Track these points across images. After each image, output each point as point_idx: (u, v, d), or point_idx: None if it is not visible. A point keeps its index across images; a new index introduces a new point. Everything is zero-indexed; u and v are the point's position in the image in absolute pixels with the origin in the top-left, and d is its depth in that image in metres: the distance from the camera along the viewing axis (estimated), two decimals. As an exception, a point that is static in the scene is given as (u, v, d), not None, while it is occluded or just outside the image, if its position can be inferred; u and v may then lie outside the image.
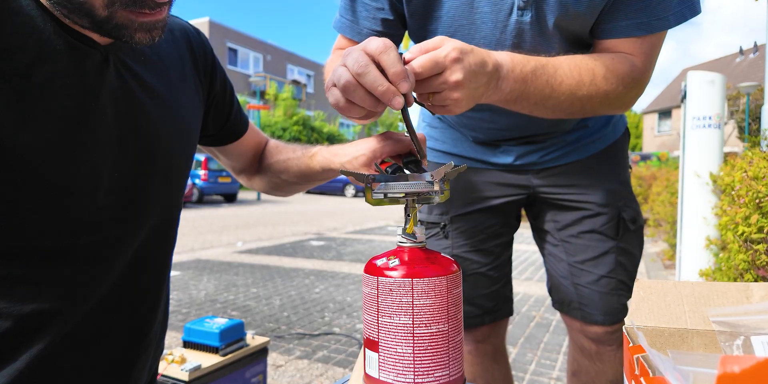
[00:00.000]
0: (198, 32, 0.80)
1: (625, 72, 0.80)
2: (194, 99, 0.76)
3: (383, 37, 0.59)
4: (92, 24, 0.52)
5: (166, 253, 0.72)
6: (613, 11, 0.81)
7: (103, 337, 0.63)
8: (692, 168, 2.90)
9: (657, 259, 4.86)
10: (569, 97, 0.77)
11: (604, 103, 0.81)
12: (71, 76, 0.55)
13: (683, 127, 2.99)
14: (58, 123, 0.54)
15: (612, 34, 0.83)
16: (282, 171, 0.89)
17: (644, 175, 7.64)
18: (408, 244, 0.55)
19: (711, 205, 2.79)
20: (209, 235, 7.12)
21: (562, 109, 0.79)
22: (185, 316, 3.17)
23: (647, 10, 0.79)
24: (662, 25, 0.80)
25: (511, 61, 0.71)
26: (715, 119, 2.88)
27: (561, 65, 0.76)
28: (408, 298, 0.51)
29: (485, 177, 1.08)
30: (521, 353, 2.56)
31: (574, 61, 0.78)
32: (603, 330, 1.06)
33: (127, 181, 0.62)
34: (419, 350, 0.51)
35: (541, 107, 0.78)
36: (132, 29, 0.53)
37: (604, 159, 1.07)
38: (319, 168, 0.81)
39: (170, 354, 1.54)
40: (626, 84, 0.81)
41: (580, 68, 0.77)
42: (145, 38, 0.54)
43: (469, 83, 0.63)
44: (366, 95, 0.58)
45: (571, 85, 0.76)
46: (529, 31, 0.85)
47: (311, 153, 0.83)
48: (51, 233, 0.55)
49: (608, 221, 1.04)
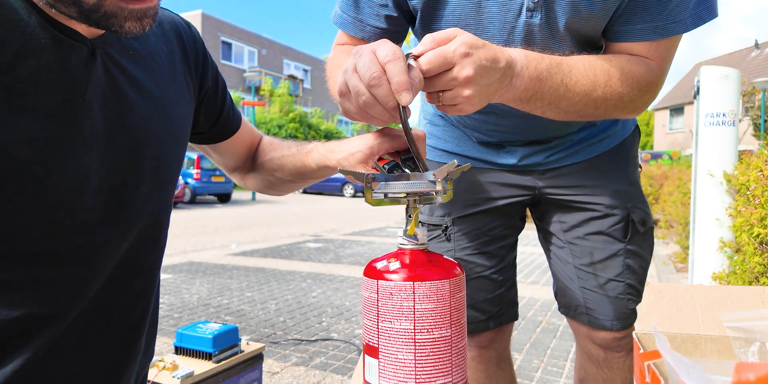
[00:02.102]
0: (189, 25, 0.80)
1: (641, 75, 0.81)
2: (185, 95, 0.76)
3: (394, 45, 0.59)
4: (80, 13, 0.52)
5: (156, 256, 0.72)
6: (627, 14, 0.81)
7: (91, 343, 0.63)
8: (705, 167, 2.89)
9: (668, 261, 4.86)
10: (584, 98, 0.77)
11: (618, 106, 0.81)
12: (57, 71, 0.55)
13: (696, 124, 2.99)
14: (43, 120, 0.53)
15: (627, 37, 0.83)
16: (276, 169, 0.89)
17: (655, 175, 7.64)
18: (409, 246, 0.55)
19: (725, 206, 2.79)
20: (202, 236, 7.11)
21: (575, 110, 0.79)
22: (177, 320, 3.17)
23: (663, 13, 0.79)
24: (679, 28, 0.81)
25: (525, 57, 0.71)
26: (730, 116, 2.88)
27: (576, 65, 0.76)
28: (409, 303, 0.51)
29: (489, 177, 1.09)
30: (527, 360, 2.56)
31: (589, 61, 0.78)
32: (611, 336, 1.06)
33: (115, 181, 0.61)
34: (421, 357, 0.51)
35: (554, 108, 0.78)
36: (122, 18, 0.53)
37: (613, 158, 1.07)
38: (315, 165, 0.81)
39: (161, 360, 1.54)
40: (641, 87, 0.81)
41: (595, 69, 0.78)
42: (135, 27, 0.54)
43: (481, 79, 0.63)
44: (384, 111, 0.60)
45: (586, 86, 0.77)
46: (538, 33, 0.85)
47: (307, 150, 0.84)
48: (36, 235, 0.55)
49: (617, 223, 1.04)
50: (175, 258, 5.38)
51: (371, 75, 0.57)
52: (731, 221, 2.59)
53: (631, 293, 1.05)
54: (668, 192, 5.78)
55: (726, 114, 2.89)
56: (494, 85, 0.67)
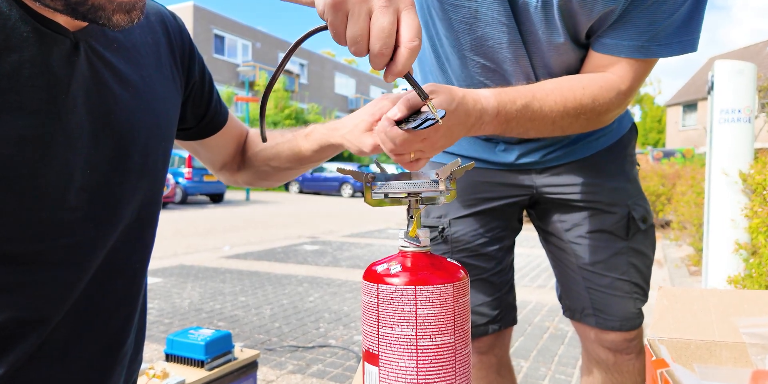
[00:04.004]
0: (174, 16, 0.81)
1: (611, 100, 0.88)
2: (171, 89, 0.76)
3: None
4: (66, 6, 0.52)
5: (141, 257, 0.72)
6: (617, 28, 0.85)
7: (75, 348, 0.63)
8: (720, 165, 2.89)
9: (681, 264, 4.87)
10: (550, 126, 0.86)
11: (586, 127, 0.92)
12: (39, 65, 0.55)
13: (710, 121, 2.99)
14: (26, 116, 0.53)
15: (611, 50, 0.88)
16: (272, 157, 0.91)
17: (668, 174, 7.64)
18: (411, 248, 0.55)
19: (740, 206, 2.79)
20: (194, 238, 7.12)
21: (542, 134, 0.90)
22: (167, 326, 3.17)
23: (650, 33, 0.84)
24: (663, 51, 0.86)
25: (497, 105, 0.79)
26: (745, 112, 2.88)
27: (546, 98, 0.84)
28: (411, 308, 0.51)
29: (485, 177, 1.10)
30: (533, 367, 2.56)
31: (561, 91, 0.85)
32: (621, 337, 1.07)
33: (100, 179, 0.62)
34: (423, 364, 0.51)
35: (522, 135, 0.88)
36: (110, 10, 0.53)
37: (610, 156, 1.09)
38: (317, 146, 0.86)
39: (151, 368, 1.54)
40: (609, 110, 0.90)
41: (566, 100, 0.85)
42: (123, 20, 0.54)
43: (449, 139, 0.73)
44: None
45: (554, 117, 0.85)
46: (534, 16, 0.87)
47: (305, 133, 0.88)
48: (18, 236, 0.55)
49: (618, 221, 1.06)
50: (166, 261, 5.38)
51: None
52: (747, 222, 2.59)
53: (637, 292, 1.08)
54: (681, 192, 5.78)
55: (741, 110, 2.89)
56: (462, 132, 0.76)
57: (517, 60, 0.93)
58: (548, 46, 0.91)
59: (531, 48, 0.92)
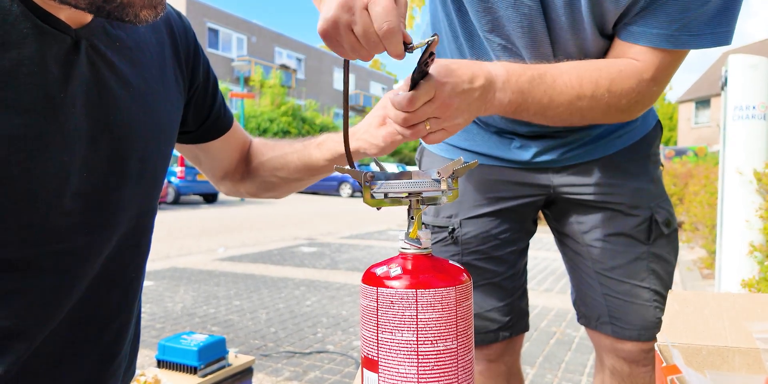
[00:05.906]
0: (180, 16, 0.81)
1: (631, 87, 0.85)
2: (174, 91, 0.76)
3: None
4: (90, 4, 0.52)
5: (138, 264, 0.72)
6: (646, 15, 0.84)
7: (67, 360, 0.63)
8: (734, 164, 2.89)
9: (694, 267, 4.87)
10: (568, 107, 0.84)
11: (607, 115, 0.89)
12: (38, 63, 0.54)
13: (724, 118, 2.99)
14: (22, 116, 0.53)
15: (638, 39, 0.86)
16: (279, 167, 0.91)
17: (679, 173, 7.64)
18: (411, 250, 0.55)
19: (755, 207, 2.79)
20: (187, 240, 7.12)
21: (562, 119, 0.87)
22: (159, 331, 3.18)
23: (681, 21, 0.82)
24: (694, 42, 0.83)
25: (506, 72, 0.79)
26: (760, 109, 2.88)
27: (561, 75, 0.83)
28: (412, 312, 0.51)
29: (499, 175, 1.08)
30: (540, 374, 2.56)
31: (577, 70, 0.84)
32: (638, 347, 1.05)
33: (97, 183, 0.61)
34: (424, 370, 0.51)
35: (540, 117, 0.86)
36: (138, 7, 0.53)
37: (633, 155, 1.07)
38: (331, 155, 0.87)
39: (142, 375, 1.54)
40: (630, 98, 0.86)
41: (581, 79, 0.83)
42: (149, 15, 0.55)
43: (462, 103, 0.72)
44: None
45: (570, 96, 0.83)
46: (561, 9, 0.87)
47: (317, 142, 0.89)
48: (10, 241, 0.55)
49: (640, 223, 1.04)
50: (158, 263, 5.39)
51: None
52: (762, 223, 2.59)
53: (657, 301, 1.05)
54: (694, 192, 5.78)
55: (756, 107, 2.89)
56: (476, 103, 0.75)
57: (537, 46, 0.92)
58: (572, 34, 0.90)
59: (553, 35, 0.91)
